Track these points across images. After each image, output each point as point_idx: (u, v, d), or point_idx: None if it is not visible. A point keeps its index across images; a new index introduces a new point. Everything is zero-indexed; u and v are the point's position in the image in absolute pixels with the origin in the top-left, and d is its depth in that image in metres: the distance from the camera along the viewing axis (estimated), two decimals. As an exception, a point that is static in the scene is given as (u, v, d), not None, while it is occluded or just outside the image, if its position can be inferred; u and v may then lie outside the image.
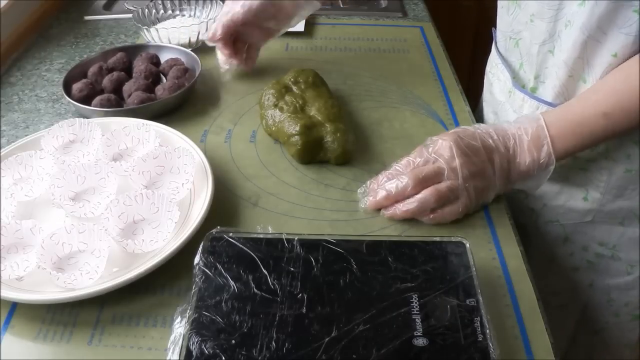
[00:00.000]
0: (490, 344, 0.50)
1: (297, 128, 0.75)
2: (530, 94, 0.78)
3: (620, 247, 0.82)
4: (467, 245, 0.59)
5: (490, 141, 0.69)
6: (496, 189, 0.69)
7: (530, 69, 0.79)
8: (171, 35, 1.00)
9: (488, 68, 0.93)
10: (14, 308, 0.59)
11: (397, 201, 0.68)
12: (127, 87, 0.87)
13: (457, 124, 0.85)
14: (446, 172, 0.67)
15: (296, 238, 0.59)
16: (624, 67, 0.67)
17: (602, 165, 0.77)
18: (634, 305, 0.87)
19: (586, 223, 0.82)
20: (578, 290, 0.88)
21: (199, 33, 1.01)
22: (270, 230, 0.63)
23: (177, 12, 1.10)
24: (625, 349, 0.92)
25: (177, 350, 0.50)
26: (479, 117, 0.94)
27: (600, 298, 0.88)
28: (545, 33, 0.75)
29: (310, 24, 1.13)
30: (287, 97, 0.81)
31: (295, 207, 0.71)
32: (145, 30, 1.01)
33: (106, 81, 0.89)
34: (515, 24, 0.80)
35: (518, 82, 0.82)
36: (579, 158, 0.77)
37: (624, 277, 0.85)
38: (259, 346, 0.49)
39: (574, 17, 0.69)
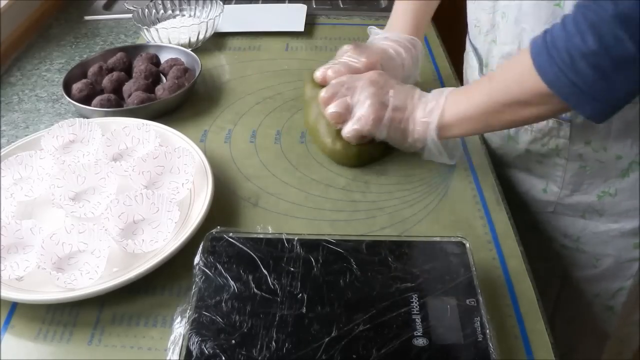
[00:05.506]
0: (490, 344, 0.50)
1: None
2: None
3: (584, 239, 0.83)
4: (467, 245, 0.59)
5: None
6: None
7: (484, 56, 0.83)
8: (171, 35, 1.00)
9: (465, 55, 0.95)
10: (14, 308, 0.59)
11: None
12: (127, 87, 0.87)
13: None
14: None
15: (296, 238, 0.59)
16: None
17: (556, 162, 0.78)
18: (604, 297, 0.88)
19: (549, 213, 0.84)
20: (551, 280, 0.89)
21: (199, 33, 1.01)
22: (270, 230, 0.63)
23: (177, 12, 1.10)
24: (602, 339, 0.93)
25: (177, 350, 0.50)
26: None
27: (571, 288, 0.88)
28: (487, 24, 0.79)
29: (310, 24, 1.12)
30: None
31: (295, 207, 0.71)
32: (145, 30, 1.01)
33: (106, 81, 0.89)
34: (478, 12, 0.83)
35: (483, 69, 0.85)
36: (533, 152, 0.80)
37: (591, 269, 0.85)
38: (259, 346, 0.49)
39: (507, 9, 0.73)
